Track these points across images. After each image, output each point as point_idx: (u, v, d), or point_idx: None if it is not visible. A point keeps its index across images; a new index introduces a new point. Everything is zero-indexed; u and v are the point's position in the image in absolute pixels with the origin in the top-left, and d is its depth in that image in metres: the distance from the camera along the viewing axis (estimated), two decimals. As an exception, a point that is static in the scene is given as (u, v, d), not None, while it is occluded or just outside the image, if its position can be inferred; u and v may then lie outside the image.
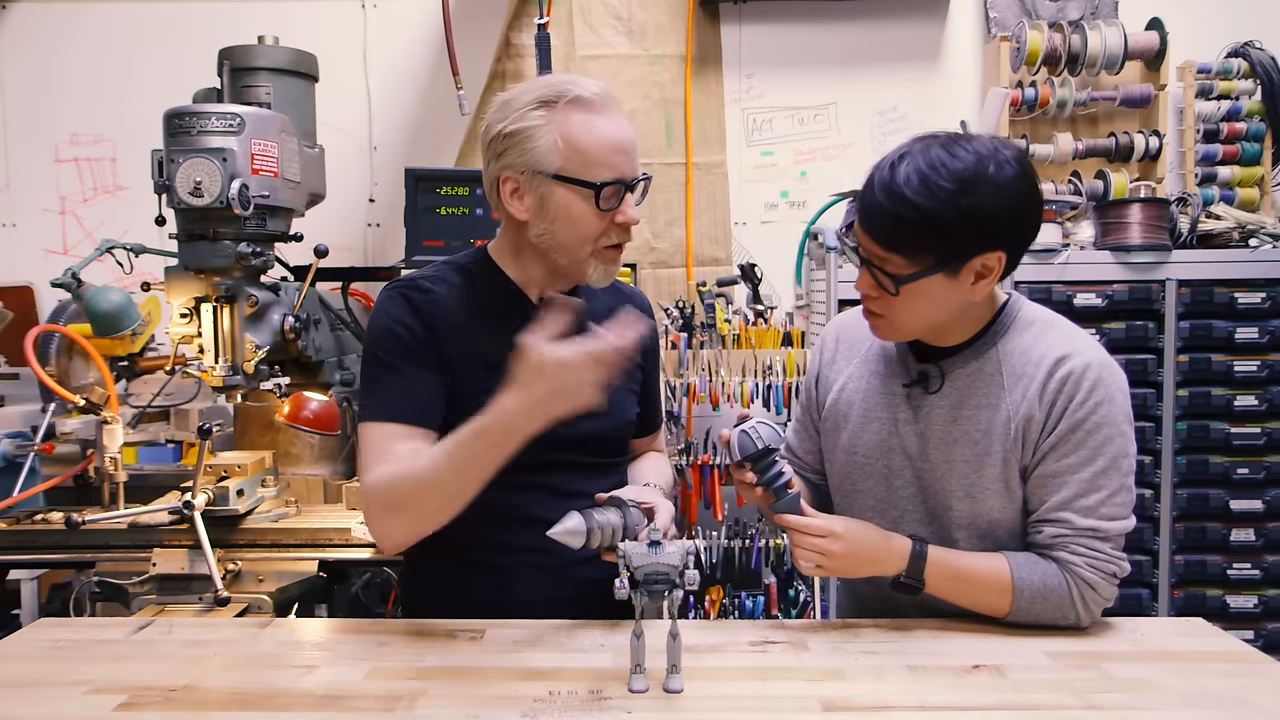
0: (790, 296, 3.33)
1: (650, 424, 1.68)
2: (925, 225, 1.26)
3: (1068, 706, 1.12)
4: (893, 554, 1.35)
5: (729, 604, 2.84)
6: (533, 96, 1.37)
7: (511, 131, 1.37)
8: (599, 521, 1.30)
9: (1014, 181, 1.28)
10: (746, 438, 1.34)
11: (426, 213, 2.55)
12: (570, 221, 1.39)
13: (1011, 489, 1.37)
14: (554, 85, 1.38)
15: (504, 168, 1.39)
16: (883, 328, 1.40)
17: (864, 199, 1.32)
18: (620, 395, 1.53)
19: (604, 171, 1.38)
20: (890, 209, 1.27)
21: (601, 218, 1.39)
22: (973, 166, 1.26)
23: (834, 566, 1.35)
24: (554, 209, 1.39)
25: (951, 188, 1.25)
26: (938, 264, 1.29)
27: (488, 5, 3.23)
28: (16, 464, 2.19)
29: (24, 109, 3.34)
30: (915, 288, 1.31)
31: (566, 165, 1.36)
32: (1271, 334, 2.81)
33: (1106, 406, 1.33)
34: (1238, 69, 3.15)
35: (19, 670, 1.26)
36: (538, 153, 1.36)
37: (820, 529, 1.35)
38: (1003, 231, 1.30)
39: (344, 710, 1.12)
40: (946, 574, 1.35)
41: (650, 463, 1.66)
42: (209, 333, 2.01)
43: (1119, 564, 1.34)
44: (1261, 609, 2.85)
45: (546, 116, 1.36)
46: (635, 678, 1.17)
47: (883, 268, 1.32)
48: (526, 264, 1.47)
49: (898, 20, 3.29)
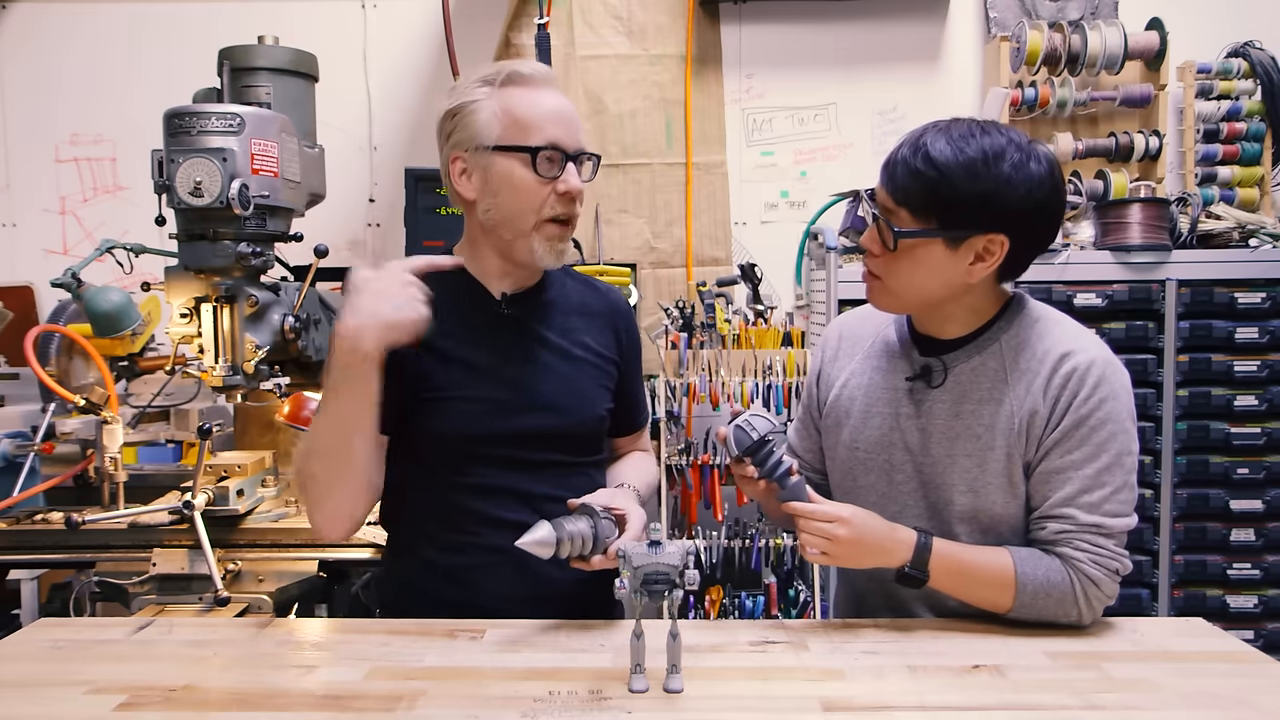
0: (790, 296, 3.33)
1: (631, 423, 1.66)
2: (937, 183, 1.28)
3: (1068, 706, 1.12)
4: (898, 545, 1.35)
5: (729, 604, 2.84)
6: (476, 77, 1.42)
7: (454, 109, 1.42)
8: (569, 531, 1.29)
9: (1039, 175, 1.30)
10: (741, 431, 1.34)
11: (426, 213, 2.55)
12: (512, 190, 1.40)
13: (1014, 484, 1.37)
14: (497, 66, 1.43)
15: (451, 148, 1.43)
16: (878, 291, 1.41)
17: (890, 157, 1.35)
18: (588, 390, 1.52)
19: (540, 137, 1.40)
20: (909, 162, 1.31)
21: (542, 184, 1.41)
22: (1003, 146, 1.29)
23: (840, 554, 1.34)
24: (496, 180, 1.41)
25: (975, 156, 1.28)
26: (940, 228, 1.31)
27: (488, 5, 3.23)
28: (16, 464, 2.19)
29: (24, 109, 3.34)
30: (914, 251, 1.33)
31: (505, 134, 1.39)
32: (1271, 334, 2.81)
33: (1111, 403, 1.33)
34: (1238, 69, 3.15)
35: (19, 670, 1.26)
36: (477, 125, 1.40)
37: (827, 514, 1.34)
38: (1012, 216, 1.30)
39: (344, 710, 1.12)
40: (951, 567, 1.35)
41: (631, 463, 1.65)
42: (209, 333, 2.01)
43: (1121, 560, 1.34)
44: (1261, 609, 2.85)
45: (487, 92, 1.41)
46: (635, 678, 1.17)
47: (888, 219, 1.34)
48: (483, 254, 1.48)
49: (898, 20, 3.29)
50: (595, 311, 1.57)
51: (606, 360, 1.56)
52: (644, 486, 1.58)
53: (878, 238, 1.37)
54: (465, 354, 1.39)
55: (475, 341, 1.43)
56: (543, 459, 1.46)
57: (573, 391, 1.50)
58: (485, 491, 1.43)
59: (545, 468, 1.47)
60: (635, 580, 1.17)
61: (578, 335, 1.53)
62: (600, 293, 1.62)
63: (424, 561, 1.47)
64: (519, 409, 1.42)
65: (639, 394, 1.68)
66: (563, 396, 1.48)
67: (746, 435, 1.34)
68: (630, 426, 1.66)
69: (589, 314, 1.56)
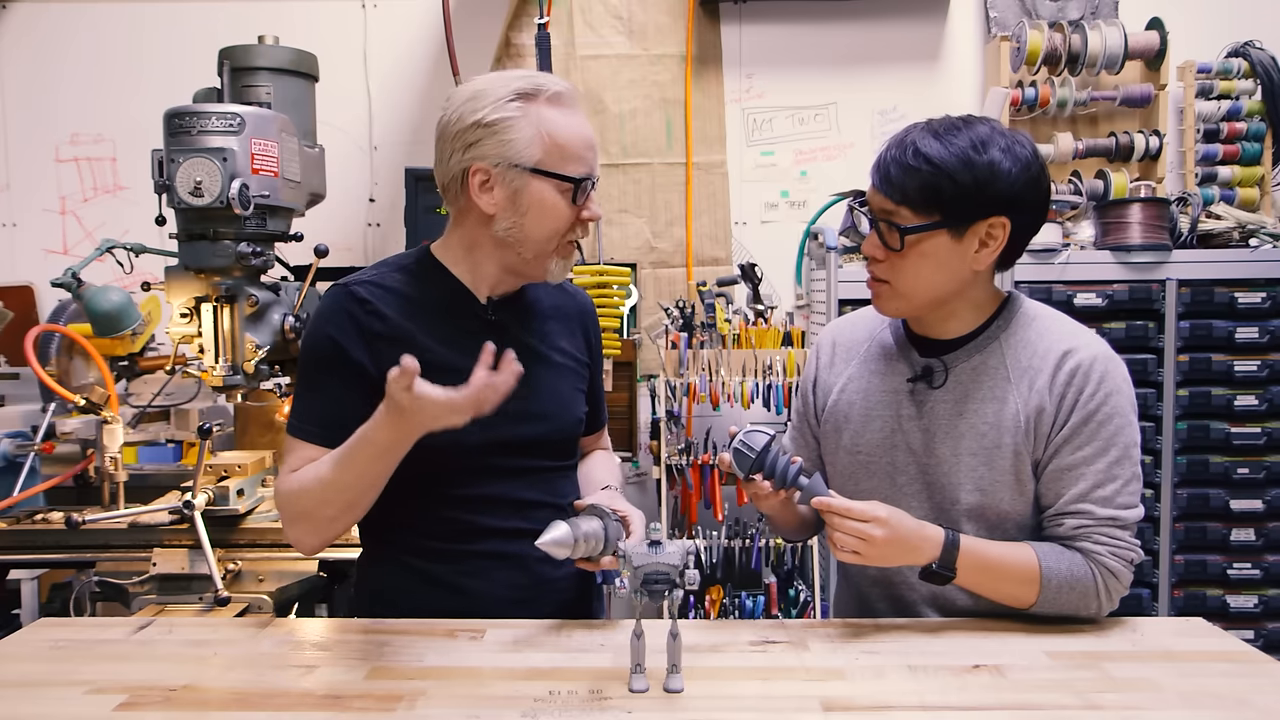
0: (790, 296, 3.33)
1: (596, 423, 1.66)
2: (936, 176, 1.30)
3: (1068, 706, 1.12)
4: (926, 542, 1.34)
5: (729, 604, 2.85)
6: (510, 89, 1.37)
7: (490, 121, 1.36)
8: (584, 532, 1.29)
9: (1026, 154, 1.34)
10: (740, 453, 1.34)
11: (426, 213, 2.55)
12: (543, 214, 1.39)
13: (1023, 482, 1.38)
14: (530, 79, 1.39)
15: (475, 159, 1.37)
16: (887, 295, 1.41)
17: (879, 160, 1.36)
18: (569, 395, 1.53)
19: (579, 167, 1.39)
20: (904, 161, 1.32)
21: (572, 212, 1.40)
22: (988, 134, 1.33)
23: (873, 555, 1.32)
24: (527, 202, 1.38)
25: (966, 145, 1.31)
26: (945, 220, 1.32)
27: (488, 5, 3.23)
28: (16, 464, 2.19)
29: (24, 109, 3.34)
30: (921, 247, 1.33)
31: (546, 159, 1.37)
32: (1271, 334, 2.81)
33: (1115, 397, 1.36)
34: (1238, 69, 3.15)
35: (19, 670, 1.26)
36: (517, 145, 1.36)
37: (864, 513, 1.31)
38: (1011, 196, 1.32)
39: (344, 710, 1.12)
40: (977, 564, 1.35)
41: (599, 462, 1.66)
42: (209, 333, 2.01)
43: (1136, 551, 1.37)
44: (1261, 609, 2.85)
45: (525, 109, 1.36)
46: (635, 677, 1.17)
47: (890, 220, 1.34)
48: (479, 261, 1.45)
49: (898, 20, 3.29)
50: (567, 314, 1.58)
51: (580, 364, 1.57)
52: (618, 483, 1.60)
53: (880, 242, 1.37)
54: (455, 362, 1.37)
55: (464, 349, 1.41)
56: (529, 465, 1.47)
57: (556, 398, 1.50)
58: (474, 499, 1.43)
59: (531, 474, 1.47)
60: (635, 580, 1.17)
61: (555, 340, 1.53)
62: (570, 295, 1.61)
63: (406, 568, 1.46)
64: (509, 419, 1.38)
65: (602, 394, 1.70)
66: (548, 404, 1.48)
67: (746, 456, 1.34)
68: (595, 426, 1.67)
69: (561, 317, 1.56)
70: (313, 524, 1.38)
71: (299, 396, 1.44)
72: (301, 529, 1.39)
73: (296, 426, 1.42)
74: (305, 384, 1.44)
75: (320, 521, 1.37)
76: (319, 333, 1.42)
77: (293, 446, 1.41)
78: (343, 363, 1.39)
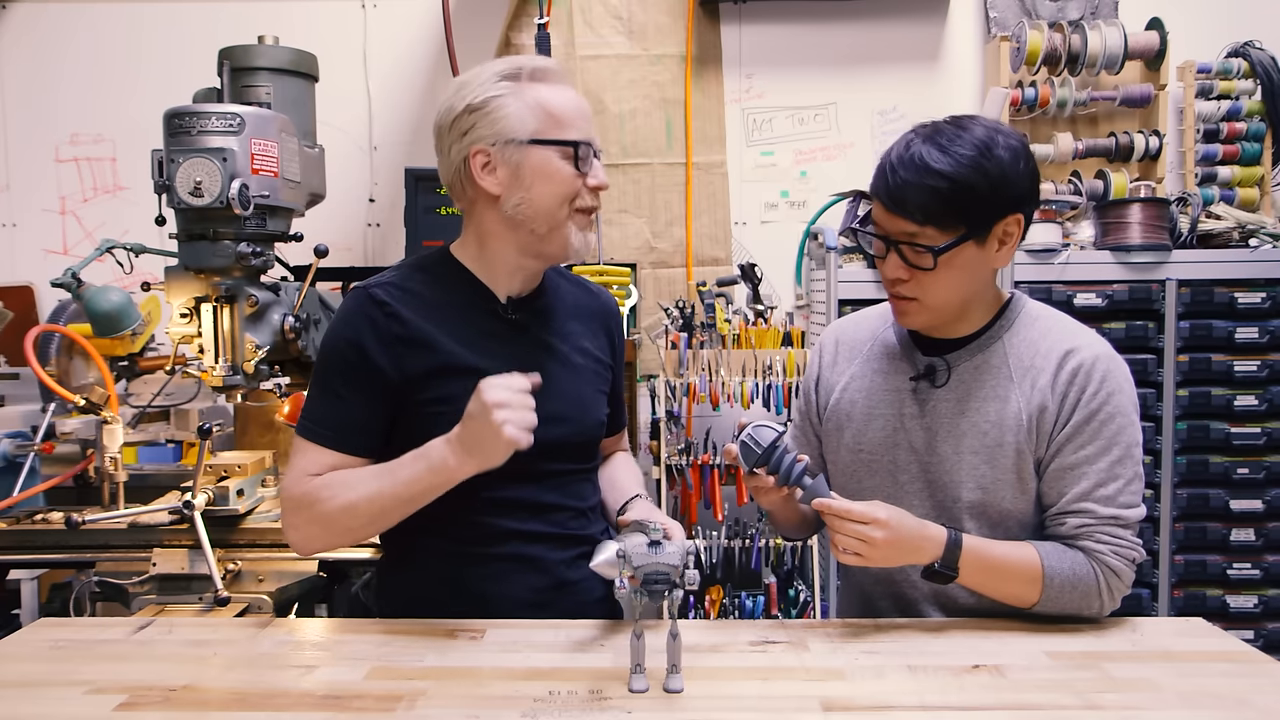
0: (790, 296, 3.33)
1: (617, 424, 1.67)
2: (957, 191, 1.30)
3: (1068, 706, 1.12)
4: (929, 542, 1.34)
5: (729, 604, 2.84)
6: (493, 72, 1.40)
7: (480, 103, 1.38)
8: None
9: (1021, 146, 1.36)
10: (747, 446, 1.34)
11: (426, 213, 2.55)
12: (548, 181, 1.39)
13: (1025, 481, 1.38)
14: (511, 61, 1.41)
15: (473, 142, 1.39)
16: (913, 311, 1.40)
17: (886, 182, 1.35)
18: (590, 397, 1.52)
19: (575, 132, 1.40)
20: (920, 182, 1.31)
21: (577, 177, 1.40)
22: (984, 136, 1.33)
23: (874, 556, 1.32)
24: (530, 173, 1.38)
25: (973, 154, 1.31)
26: (969, 231, 1.33)
27: (488, 5, 3.23)
28: (16, 464, 2.19)
29: (24, 109, 3.34)
30: (950, 259, 1.34)
31: (541, 128, 1.38)
32: (1271, 334, 2.81)
33: (1117, 397, 1.36)
34: (1238, 69, 3.15)
35: (19, 670, 1.26)
36: (509, 120, 1.37)
37: (864, 515, 1.31)
38: (1021, 194, 1.35)
39: (344, 710, 1.12)
40: (980, 563, 1.35)
41: (622, 467, 1.65)
42: (209, 333, 2.01)
43: (1139, 550, 1.37)
44: (1261, 609, 2.85)
45: (511, 87, 1.39)
46: (635, 677, 1.17)
47: (915, 243, 1.34)
48: (496, 250, 1.45)
49: (898, 20, 3.29)
50: (590, 314, 1.57)
51: (603, 365, 1.56)
52: (642, 488, 1.59)
53: (904, 264, 1.36)
54: (475, 363, 1.37)
55: (485, 350, 1.41)
56: (551, 469, 1.46)
57: (578, 401, 1.50)
58: (495, 503, 1.42)
59: (553, 477, 1.46)
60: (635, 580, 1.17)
61: (577, 340, 1.52)
62: (593, 294, 1.61)
63: (431, 573, 1.46)
64: None
65: (623, 395, 1.69)
66: (570, 406, 1.48)
67: (752, 449, 1.34)
68: (616, 428, 1.66)
69: (583, 316, 1.56)
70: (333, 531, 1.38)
71: (313, 398, 1.43)
72: (311, 532, 1.38)
73: (309, 428, 1.41)
74: (321, 386, 1.43)
75: (341, 530, 1.37)
76: (338, 336, 1.42)
77: (302, 448, 1.40)
78: (361, 367, 1.39)
